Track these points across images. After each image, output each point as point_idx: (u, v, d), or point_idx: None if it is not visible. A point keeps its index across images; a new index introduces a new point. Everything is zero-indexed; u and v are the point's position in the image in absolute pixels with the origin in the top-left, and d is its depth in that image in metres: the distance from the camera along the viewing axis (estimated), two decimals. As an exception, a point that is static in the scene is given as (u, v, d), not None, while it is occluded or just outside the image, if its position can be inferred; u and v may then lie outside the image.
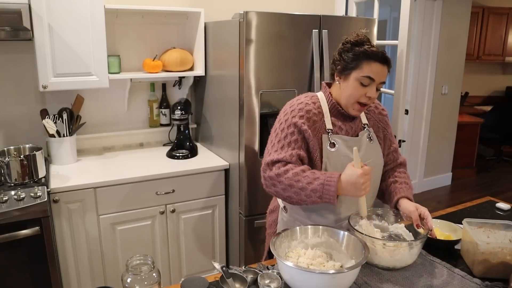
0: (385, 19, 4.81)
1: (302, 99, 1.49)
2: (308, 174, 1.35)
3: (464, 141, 4.95)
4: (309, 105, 1.46)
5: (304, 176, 1.35)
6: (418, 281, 1.28)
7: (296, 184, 1.35)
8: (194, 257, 2.56)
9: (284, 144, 1.41)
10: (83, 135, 2.64)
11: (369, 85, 1.38)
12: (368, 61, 1.37)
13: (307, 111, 1.44)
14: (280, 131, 1.44)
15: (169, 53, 2.63)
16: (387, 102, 4.75)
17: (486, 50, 5.50)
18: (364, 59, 1.37)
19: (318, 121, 1.45)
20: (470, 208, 1.88)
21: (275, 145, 1.44)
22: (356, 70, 1.39)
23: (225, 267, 1.25)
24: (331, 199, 1.32)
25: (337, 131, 1.48)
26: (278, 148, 1.42)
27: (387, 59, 1.39)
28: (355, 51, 1.39)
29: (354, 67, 1.39)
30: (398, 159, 1.65)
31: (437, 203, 4.32)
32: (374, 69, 1.37)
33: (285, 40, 2.23)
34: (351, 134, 1.50)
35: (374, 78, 1.37)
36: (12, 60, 2.40)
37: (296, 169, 1.36)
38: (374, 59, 1.37)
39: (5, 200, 1.90)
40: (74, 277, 2.23)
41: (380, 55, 1.37)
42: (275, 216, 1.70)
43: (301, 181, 1.34)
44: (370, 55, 1.37)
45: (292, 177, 1.35)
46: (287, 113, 1.45)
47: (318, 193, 1.32)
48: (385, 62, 1.38)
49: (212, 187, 2.50)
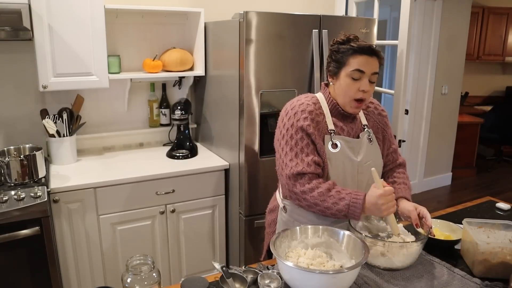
0: (385, 19, 4.82)
1: (303, 99, 1.49)
2: (333, 194, 1.37)
3: (464, 141, 4.95)
4: (310, 105, 1.46)
5: (329, 196, 1.37)
6: (418, 281, 1.28)
7: (321, 204, 1.38)
8: (194, 257, 2.56)
9: (297, 152, 1.42)
10: (83, 135, 2.64)
11: (361, 78, 1.40)
12: (354, 55, 1.40)
13: (309, 112, 1.44)
14: (289, 138, 1.44)
15: (169, 53, 2.63)
16: (387, 102, 4.75)
17: (486, 50, 5.50)
18: (350, 54, 1.40)
19: (320, 121, 1.46)
20: (470, 208, 1.88)
21: (288, 154, 1.44)
22: (345, 66, 1.41)
23: (225, 267, 1.25)
24: (355, 218, 1.35)
25: (339, 131, 1.48)
26: (293, 157, 1.42)
27: (374, 51, 1.41)
28: (342, 49, 1.42)
29: (342, 64, 1.42)
30: (398, 160, 1.65)
31: (437, 203, 4.32)
32: (362, 61, 1.39)
33: (285, 40, 2.23)
34: (352, 135, 1.51)
35: (363, 70, 1.39)
36: (12, 60, 2.40)
37: (322, 188, 1.38)
38: (360, 53, 1.39)
39: (5, 200, 1.90)
40: (74, 277, 2.23)
41: (366, 47, 1.40)
42: (275, 215, 1.71)
43: (327, 201, 1.37)
44: (355, 50, 1.40)
45: (317, 196, 1.38)
46: (290, 117, 1.45)
47: (343, 212, 1.35)
48: (372, 53, 1.40)
49: (212, 187, 2.50)
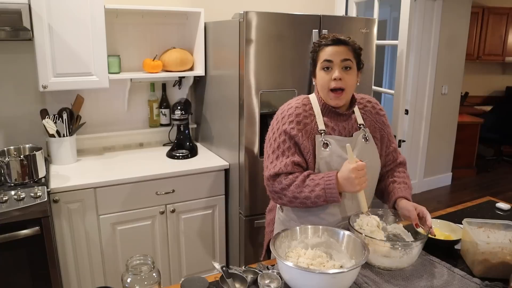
0: (385, 19, 4.81)
1: (293, 103, 1.53)
2: (308, 183, 1.41)
3: (464, 141, 4.95)
4: (299, 108, 1.50)
5: (305, 186, 1.41)
6: (418, 281, 1.28)
7: (299, 195, 1.41)
8: (194, 257, 2.56)
9: (278, 154, 1.47)
10: (83, 135, 2.64)
11: (331, 68, 1.44)
12: (321, 49, 1.46)
13: (296, 115, 1.48)
14: (273, 141, 1.50)
15: (169, 53, 2.63)
16: (387, 102, 4.75)
17: (486, 50, 5.50)
18: (318, 50, 1.47)
19: (309, 123, 1.48)
20: (470, 208, 1.88)
21: (270, 156, 1.50)
22: (317, 62, 1.48)
23: (225, 267, 1.25)
24: (335, 199, 1.38)
25: (330, 131, 1.49)
26: (274, 159, 1.48)
27: (340, 40, 1.44)
28: (314, 49, 1.50)
29: (315, 61, 1.49)
30: (398, 159, 1.65)
31: (437, 203, 4.32)
32: (328, 52, 1.43)
33: (285, 40, 2.23)
34: (345, 135, 1.51)
35: (331, 59, 1.43)
36: (12, 60, 2.40)
37: (297, 181, 1.42)
38: (325, 45, 1.45)
39: (5, 200, 1.90)
40: (74, 277, 2.23)
41: (330, 38, 1.45)
42: (273, 214, 1.72)
43: (304, 191, 1.40)
44: (321, 44, 1.46)
45: (294, 189, 1.42)
46: (278, 121, 1.51)
47: (322, 197, 1.38)
48: (337, 43, 1.44)
49: (212, 187, 2.50)
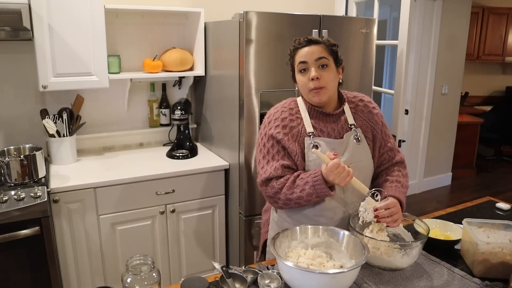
0: (385, 19, 4.81)
1: (279, 107, 1.54)
2: (298, 183, 1.42)
3: (464, 141, 4.95)
4: (285, 112, 1.50)
5: (296, 186, 1.42)
6: (418, 281, 1.28)
7: (292, 196, 1.42)
8: (194, 257, 2.56)
9: (268, 159, 1.48)
10: (83, 135, 2.64)
11: (307, 68, 1.45)
12: (295, 52, 1.48)
13: (282, 119, 1.49)
14: (262, 146, 1.51)
15: (169, 53, 2.63)
16: (387, 102, 4.76)
17: (486, 50, 5.50)
18: (293, 54, 1.49)
19: (296, 126, 1.48)
20: (470, 208, 1.88)
21: (260, 162, 1.51)
22: (294, 66, 1.49)
23: (225, 267, 1.25)
24: (326, 194, 1.38)
25: (319, 133, 1.48)
26: (264, 165, 1.49)
27: (311, 40, 1.45)
28: (289, 54, 1.51)
29: (292, 66, 1.51)
30: (395, 158, 1.59)
31: (437, 203, 4.32)
32: (301, 54, 1.45)
33: (285, 40, 2.23)
34: (334, 136, 1.49)
35: (305, 60, 1.44)
36: (12, 60, 2.40)
37: (288, 183, 1.43)
38: (298, 47, 1.46)
39: (5, 200, 1.90)
40: (74, 277, 2.23)
41: (302, 40, 1.46)
42: (268, 215, 1.72)
43: (295, 192, 1.41)
44: (295, 47, 1.48)
45: (286, 191, 1.43)
46: (265, 126, 1.53)
47: (314, 195, 1.39)
48: (309, 43, 1.45)
49: (212, 187, 2.50)
